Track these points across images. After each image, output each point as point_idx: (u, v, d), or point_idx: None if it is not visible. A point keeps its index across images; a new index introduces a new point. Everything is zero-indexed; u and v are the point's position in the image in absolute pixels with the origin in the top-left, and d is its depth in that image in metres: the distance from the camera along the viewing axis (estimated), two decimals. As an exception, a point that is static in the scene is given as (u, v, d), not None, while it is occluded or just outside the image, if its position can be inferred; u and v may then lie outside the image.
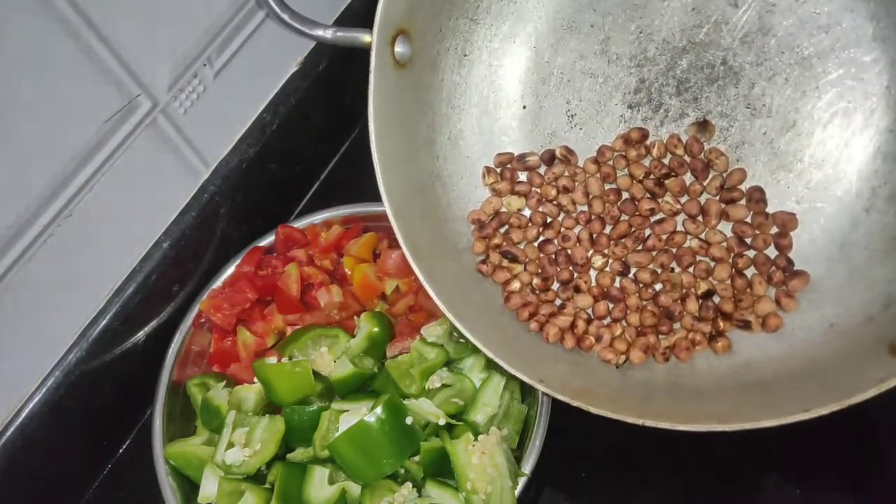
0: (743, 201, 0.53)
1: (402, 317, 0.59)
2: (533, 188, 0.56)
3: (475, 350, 0.54)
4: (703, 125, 0.53)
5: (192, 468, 0.54)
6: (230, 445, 0.51)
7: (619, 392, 0.49)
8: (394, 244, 0.62)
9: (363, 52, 0.49)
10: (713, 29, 0.52)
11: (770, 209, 0.52)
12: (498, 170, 0.57)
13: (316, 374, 0.53)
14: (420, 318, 0.58)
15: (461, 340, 0.55)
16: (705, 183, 0.53)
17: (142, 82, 0.52)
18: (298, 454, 0.52)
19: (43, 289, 0.51)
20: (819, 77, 0.50)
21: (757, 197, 0.52)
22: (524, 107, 0.57)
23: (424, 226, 0.51)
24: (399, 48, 0.50)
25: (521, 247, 0.56)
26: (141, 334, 0.60)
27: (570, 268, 0.54)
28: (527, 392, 0.54)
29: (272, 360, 0.54)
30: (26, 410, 0.53)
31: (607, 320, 0.53)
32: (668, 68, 0.54)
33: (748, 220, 0.52)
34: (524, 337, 0.52)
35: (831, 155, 0.50)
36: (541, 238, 0.56)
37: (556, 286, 0.55)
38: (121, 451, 0.64)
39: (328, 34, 0.51)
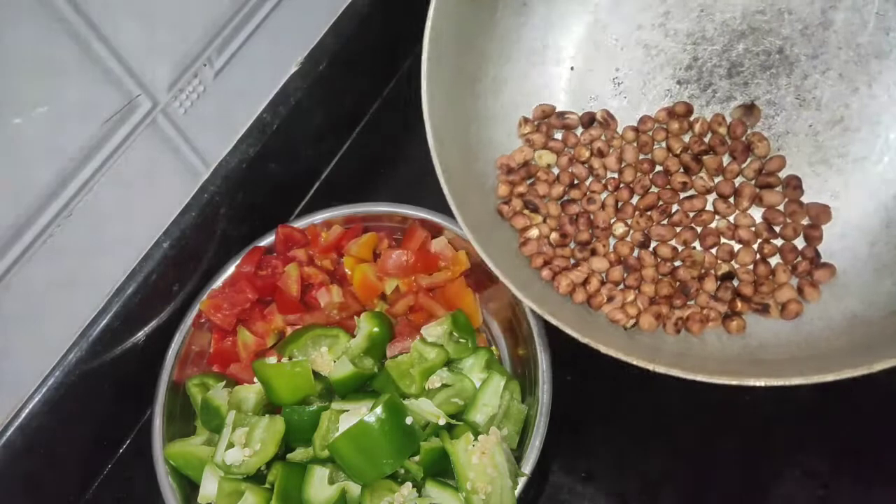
0: (779, 188, 0.52)
1: (402, 317, 0.59)
2: (567, 147, 0.56)
3: (475, 350, 0.54)
4: (750, 109, 0.53)
5: (192, 468, 0.54)
6: (230, 445, 0.51)
7: (625, 348, 0.48)
8: (394, 244, 0.63)
9: (362, 56, 0.49)
10: (775, 17, 0.52)
11: (805, 200, 0.52)
12: (535, 122, 0.57)
13: (316, 374, 0.53)
14: (420, 319, 0.58)
15: (461, 340, 0.55)
16: (743, 166, 0.53)
17: (142, 82, 0.52)
18: (298, 454, 0.52)
19: (43, 289, 0.51)
20: (874, 77, 0.50)
21: (794, 184, 0.52)
22: (572, 68, 0.57)
23: (457, 155, 0.51)
24: None
25: (545, 202, 0.55)
26: (141, 334, 0.60)
27: (590, 230, 0.54)
28: (527, 392, 0.54)
29: (272, 360, 0.54)
30: (26, 410, 0.53)
31: (621, 286, 0.53)
32: (724, 50, 0.54)
33: (781, 207, 0.52)
34: (537, 283, 0.52)
35: (874, 154, 0.50)
36: (566, 197, 0.55)
37: (572, 245, 0.55)
38: (121, 451, 0.64)
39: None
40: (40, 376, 0.54)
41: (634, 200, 0.54)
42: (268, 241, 0.63)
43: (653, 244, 0.53)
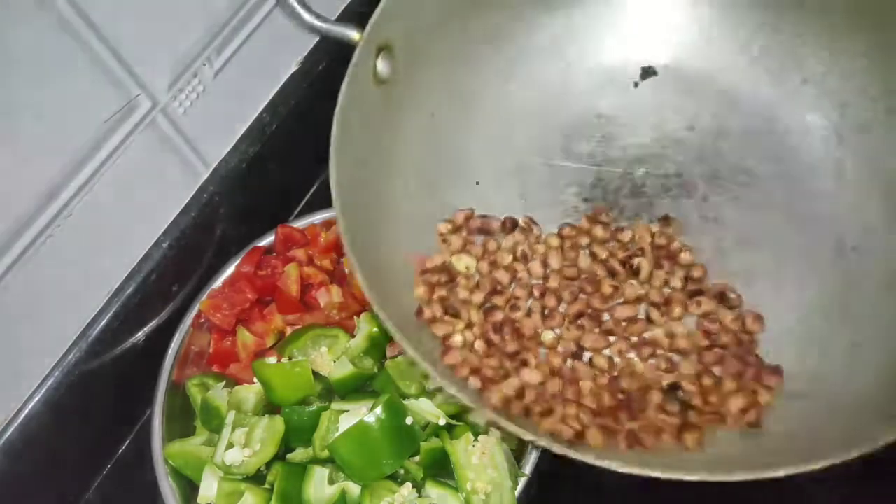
0: (706, 297, 0.51)
1: None
2: (487, 252, 0.54)
3: None
4: (667, 220, 0.54)
5: (192, 468, 0.54)
6: (230, 446, 0.51)
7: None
8: None
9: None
10: (671, 144, 0.56)
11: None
12: (454, 225, 0.55)
13: (315, 375, 0.53)
14: None
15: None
16: (668, 273, 0.52)
17: (141, 82, 0.52)
18: (298, 454, 0.52)
19: (43, 289, 0.51)
20: (771, 194, 0.53)
21: (725, 293, 0.51)
22: (477, 183, 0.57)
23: (369, 235, 0.49)
24: (382, 64, 0.50)
25: (467, 307, 0.52)
26: (140, 334, 0.60)
27: (517, 340, 0.50)
28: None
29: (272, 360, 0.54)
30: (26, 410, 0.53)
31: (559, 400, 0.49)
32: (626, 172, 0.56)
33: (714, 316, 0.51)
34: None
35: (788, 265, 0.52)
36: (488, 304, 0.52)
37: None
38: (121, 451, 0.64)
39: (322, 25, 0.52)
40: (40, 376, 0.54)
41: (562, 308, 0.52)
42: (267, 241, 0.63)
43: (587, 355, 0.50)
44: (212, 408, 0.54)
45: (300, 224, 0.63)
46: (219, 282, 0.61)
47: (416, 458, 0.50)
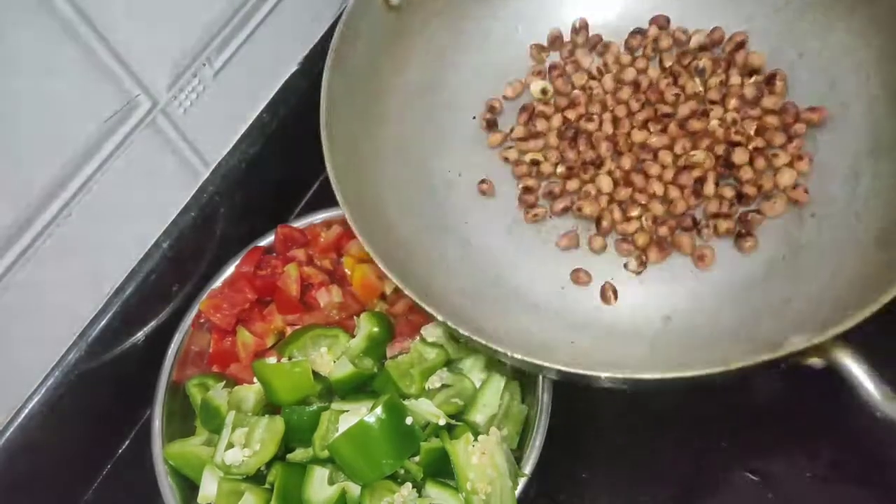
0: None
1: (402, 317, 0.59)
2: (564, 73, 0.60)
3: (475, 351, 0.54)
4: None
5: (192, 468, 0.53)
6: (230, 446, 0.51)
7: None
8: None
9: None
10: None
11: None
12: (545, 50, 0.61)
13: (315, 375, 0.53)
14: (420, 319, 0.57)
15: (461, 341, 0.55)
16: (726, 70, 0.57)
17: (141, 82, 0.52)
18: (298, 454, 0.52)
19: (42, 289, 0.51)
20: None
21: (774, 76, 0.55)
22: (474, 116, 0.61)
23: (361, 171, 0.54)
24: None
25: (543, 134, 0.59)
26: (140, 334, 0.60)
27: (592, 150, 0.57)
28: (527, 392, 0.54)
29: (272, 360, 0.54)
30: (26, 410, 0.53)
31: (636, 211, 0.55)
32: None
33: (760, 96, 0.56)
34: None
35: None
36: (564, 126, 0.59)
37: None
38: (121, 451, 0.64)
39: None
40: (40, 376, 0.54)
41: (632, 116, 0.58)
42: (267, 240, 0.63)
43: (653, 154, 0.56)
44: (212, 408, 0.54)
45: (300, 224, 0.63)
46: (218, 282, 0.61)
47: (416, 459, 0.50)
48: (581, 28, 0.61)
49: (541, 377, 0.52)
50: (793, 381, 0.57)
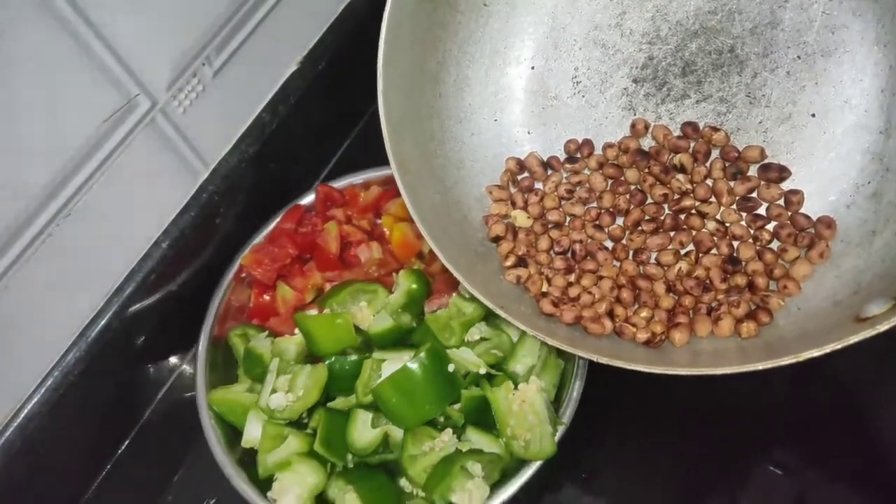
0: (751, 173, 0.53)
1: (439, 275, 0.60)
2: (535, 200, 0.57)
3: None
4: (691, 125, 0.55)
5: (235, 414, 0.55)
6: (274, 391, 0.52)
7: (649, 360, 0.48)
8: None
9: (364, 50, 0.49)
10: (726, 17, 0.53)
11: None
12: (503, 185, 0.57)
13: (355, 329, 0.54)
14: (456, 277, 0.58)
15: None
16: (708, 164, 0.54)
17: (141, 81, 0.52)
18: (339, 403, 0.53)
19: (42, 289, 0.51)
20: (819, 74, 0.51)
21: (771, 167, 0.52)
22: (532, 67, 0.58)
23: (415, 150, 0.52)
24: None
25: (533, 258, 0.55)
26: (140, 335, 0.60)
27: (588, 257, 0.55)
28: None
29: (313, 312, 0.55)
30: (26, 410, 0.53)
31: (635, 306, 0.53)
32: (678, 49, 0.55)
33: (754, 194, 0.53)
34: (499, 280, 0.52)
35: (820, 150, 0.51)
36: (556, 249, 0.55)
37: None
38: (120, 450, 0.64)
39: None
40: (40, 376, 0.54)
41: (620, 222, 0.55)
42: (307, 199, 0.64)
43: (653, 256, 0.54)
44: (255, 355, 0.55)
45: (339, 184, 0.64)
46: (259, 237, 0.62)
47: (457, 406, 0.51)
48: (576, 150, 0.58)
49: None
50: (817, 375, 0.57)
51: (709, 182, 0.54)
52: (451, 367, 0.51)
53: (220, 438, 0.54)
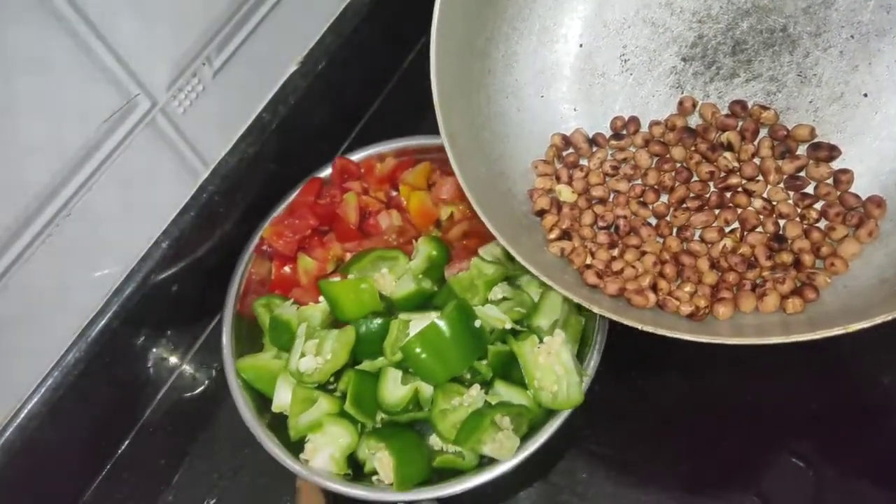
0: (800, 152, 0.53)
1: (457, 242, 0.61)
2: (580, 176, 0.57)
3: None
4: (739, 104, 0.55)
5: (262, 381, 0.56)
6: (302, 355, 0.52)
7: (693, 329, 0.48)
8: (447, 171, 0.63)
9: (363, 50, 0.49)
10: None
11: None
12: (548, 161, 0.58)
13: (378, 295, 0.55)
14: (474, 244, 0.59)
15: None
16: (756, 142, 0.54)
17: (141, 81, 0.52)
18: (365, 366, 0.54)
19: (41, 289, 0.51)
20: (873, 54, 0.51)
21: (820, 147, 0.52)
22: (580, 45, 0.58)
23: (463, 124, 0.52)
24: None
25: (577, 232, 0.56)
26: (140, 334, 0.60)
27: (632, 233, 0.55)
28: (582, 308, 0.55)
29: (336, 279, 0.56)
30: (25, 410, 0.53)
31: (678, 282, 0.53)
32: (728, 28, 0.55)
33: (802, 173, 0.53)
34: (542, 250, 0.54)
35: (871, 130, 0.51)
36: (600, 224, 0.56)
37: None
38: (120, 451, 0.63)
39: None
40: (39, 376, 0.54)
41: (664, 199, 0.55)
42: (325, 173, 0.65)
43: (697, 233, 0.54)
44: (281, 323, 0.55)
45: (355, 157, 0.65)
46: (278, 211, 0.63)
47: (485, 362, 0.52)
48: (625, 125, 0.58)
49: None
50: (840, 368, 0.57)
51: (756, 160, 0.53)
52: (477, 323, 0.51)
53: (248, 403, 0.54)
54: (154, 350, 0.62)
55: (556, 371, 0.50)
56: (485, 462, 0.51)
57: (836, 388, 0.57)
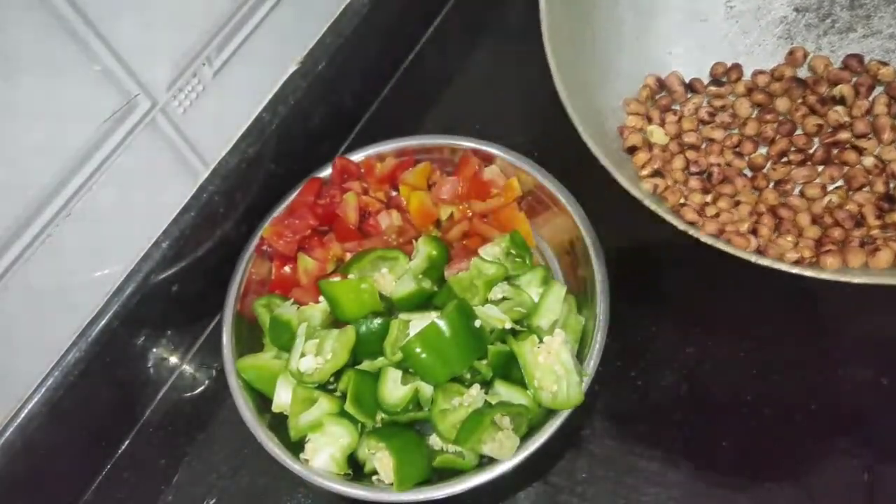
0: None
1: (457, 242, 0.61)
2: (669, 119, 0.56)
3: (532, 267, 0.56)
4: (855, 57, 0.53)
5: (263, 381, 0.56)
6: (303, 355, 0.53)
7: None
8: (447, 171, 0.64)
9: (363, 50, 0.49)
10: None
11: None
12: (642, 101, 0.57)
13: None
14: (474, 244, 0.59)
15: (518, 259, 0.56)
16: (870, 99, 0.52)
17: (141, 81, 0.52)
18: (365, 366, 0.54)
19: (42, 289, 0.51)
20: None
21: None
22: None
23: (567, 57, 0.51)
24: None
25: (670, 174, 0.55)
26: (140, 334, 0.60)
27: (725, 181, 0.53)
28: (583, 305, 0.56)
29: (336, 279, 0.56)
30: (26, 410, 0.53)
31: (775, 234, 0.51)
32: None
33: None
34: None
35: None
36: (692, 169, 0.55)
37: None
38: (120, 451, 0.63)
39: None
40: (40, 376, 0.54)
41: (763, 150, 0.54)
42: (325, 173, 0.65)
43: (797, 188, 0.52)
44: (282, 322, 0.55)
45: (356, 157, 0.65)
46: (278, 212, 0.63)
47: (485, 362, 0.52)
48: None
49: (598, 288, 0.54)
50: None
51: (869, 118, 0.51)
52: (477, 323, 0.52)
53: (248, 403, 0.54)
54: (154, 350, 0.62)
55: (556, 371, 0.50)
56: (485, 462, 0.51)
57: (835, 388, 0.57)
